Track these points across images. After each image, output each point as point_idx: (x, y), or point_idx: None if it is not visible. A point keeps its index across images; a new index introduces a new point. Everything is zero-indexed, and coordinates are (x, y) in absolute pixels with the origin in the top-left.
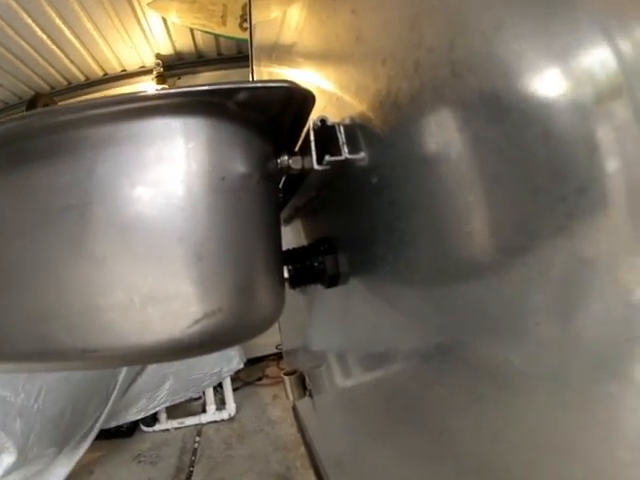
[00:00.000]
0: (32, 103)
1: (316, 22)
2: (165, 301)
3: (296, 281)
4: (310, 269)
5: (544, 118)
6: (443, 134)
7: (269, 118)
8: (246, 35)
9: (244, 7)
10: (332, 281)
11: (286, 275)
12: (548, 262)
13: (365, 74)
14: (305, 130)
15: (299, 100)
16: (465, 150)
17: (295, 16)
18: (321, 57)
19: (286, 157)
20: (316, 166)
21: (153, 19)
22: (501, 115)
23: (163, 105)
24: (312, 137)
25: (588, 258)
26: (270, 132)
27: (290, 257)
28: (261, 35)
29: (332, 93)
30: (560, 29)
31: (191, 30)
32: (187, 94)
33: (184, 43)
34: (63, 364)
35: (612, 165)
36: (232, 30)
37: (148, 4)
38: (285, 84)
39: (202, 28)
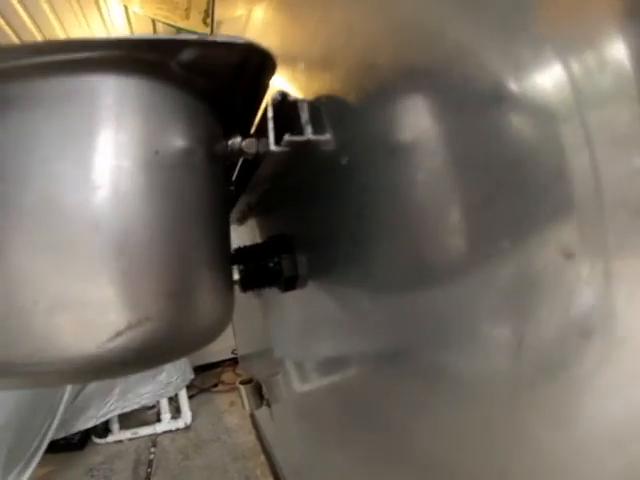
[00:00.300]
0: None
1: (283, 17)
2: (77, 307)
3: (248, 283)
4: (264, 270)
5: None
6: (421, 111)
7: (220, 87)
8: (208, 31)
9: (209, 2)
10: (289, 284)
11: (236, 276)
12: (498, 266)
13: (333, 48)
14: (262, 109)
15: (256, 65)
16: (440, 136)
17: (261, 13)
18: (289, 50)
19: (239, 139)
20: (273, 147)
21: (114, 7)
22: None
23: (91, 58)
24: (270, 113)
25: (537, 261)
26: (220, 106)
27: (241, 256)
28: (227, 32)
29: (296, 71)
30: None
31: (153, 21)
32: (121, 45)
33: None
34: None
35: (565, 176)
36: (195, 24)
37: None
38: (241, 40)
39: (164, 20)
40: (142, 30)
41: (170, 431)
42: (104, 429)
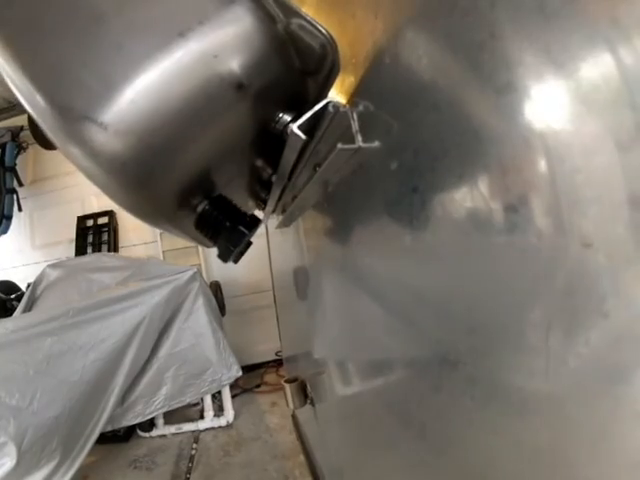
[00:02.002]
0: None
1: (324, 17)
2: (98, 76)
3: (201, 222)
4: (218, 223)
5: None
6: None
7: (300, 70)
8: None
9: None
10: (225, 252)
11: (200, 209)
12: (551, 272)
13: (386, 51)
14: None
15: (330, 63)
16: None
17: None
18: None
19: (289, 118)
20: (294, 128)
21: None
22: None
23: None
24: (315, 108)
25: (591, 268)
26: (294, 87)
27: (217, 201)
28: None
29: (345, 79)
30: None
31: None
32: None
33: None
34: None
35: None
36: None
37: None
38: (329, 35)
39: None
40: None
41: (212, 428)
42: (149, 423)
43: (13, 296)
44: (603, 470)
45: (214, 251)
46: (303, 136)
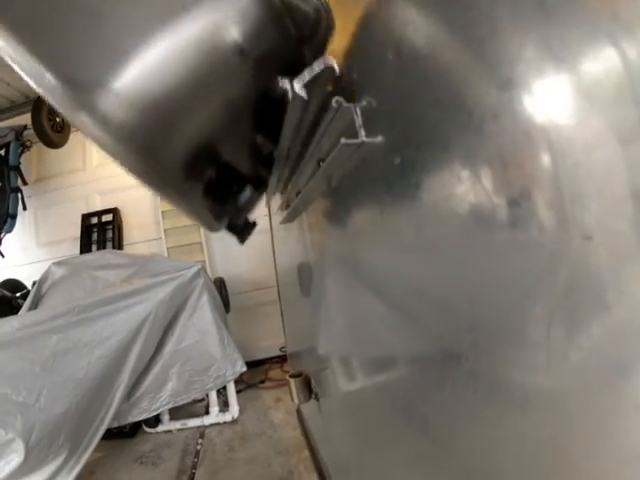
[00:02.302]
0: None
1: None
2: (108, 47)
3: (210, 189)
4: (227, 186)
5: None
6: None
7: (296, 37)
8: None
9: None
10: (235, 216)
11: (207, 176)
12: (553, 266)
13: (388, 47)
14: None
15: (325, 26)
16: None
17: None
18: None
19: (287, 82)
20: (296, 86)
21: None
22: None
23: None
24: (315, 68)
25: (592, 262)
26: (291, 53)
27: (223, 168)
28: None
29: (346, 74)
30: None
31: None
32: None
33: None
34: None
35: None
36: None
37: None
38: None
39: None
40: None
41: (217, 424)
42: (155, 419)
43: (18, 294)
44: (603, 462)
45: (218, 248)
46: (305, 96)
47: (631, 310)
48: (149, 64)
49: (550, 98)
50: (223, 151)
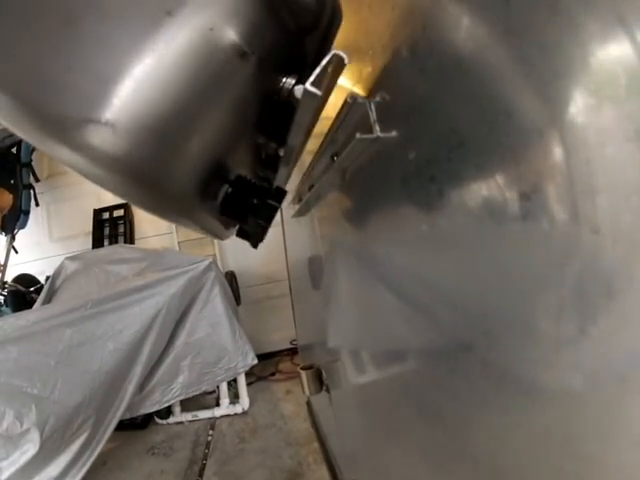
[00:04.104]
0: None
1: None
2: (88, 76)
3: (226, 207)
4: (245, 203)
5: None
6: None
7: (297, 29)
8: None
9: None
10: (258, 233)
11: (221, 194)
12: (562, 259)
13: (403, 43)
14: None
15: (328, 17)
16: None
17: None
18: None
19: (293, 81)
20: (308, 85)
21: None
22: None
23: None
24: (322, 63)
25: (603, 257)
26: (292, 48)
27: (237, 182)
28: None
29: (362, 69)
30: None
31: None
32: None
33: None
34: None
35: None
36: None
37: None
38: None
39: None
40: None
41: (228, 415)
42: (166, 411)
43: (32, 289)
44: (609, 447)
45: (229, 241)
46: (319, 92)
47: (637, 301)
48: (142, 85)
49: (562, 95)
50: (234, 161)
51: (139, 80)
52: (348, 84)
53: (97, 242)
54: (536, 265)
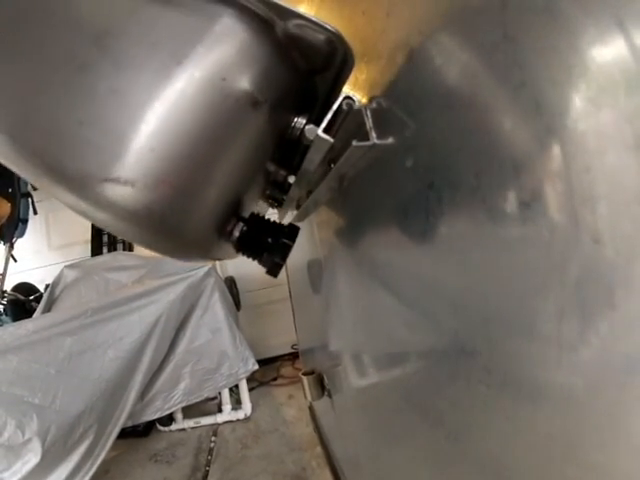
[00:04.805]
0: None
1: (327, 13)
2: (105, 140)
3: (242, 245)
4: (260, 242)
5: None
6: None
7: (308, 70)
8: None
9: None
10: (273, 268)
11: (237, 234)
12: (563, 266)
13: (398, 49)
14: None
15: (340, 59)
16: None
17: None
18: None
19: (304, 121)
20: (320, 132)
21: None
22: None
23: None
24: (333, 107)
25: (601, 262)
26: (303, 88)
27: (252, 220)
28: None
29: (357, 76)
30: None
31: None
32: None
33: None
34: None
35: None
36: None
37: None
38: (334, 29)
39: None
40: None
41: (230, 421)
42: (168, 418)
43: (32, 297)
44: (611, 454)
45: None
46: (331, 139)
47: (638, 309)
48: (157, 139)
49: (561, 101)
50: (248, 198)
51: (154, 135)
52: (343, 90)
53: (96, 250)
54: (536, 273)
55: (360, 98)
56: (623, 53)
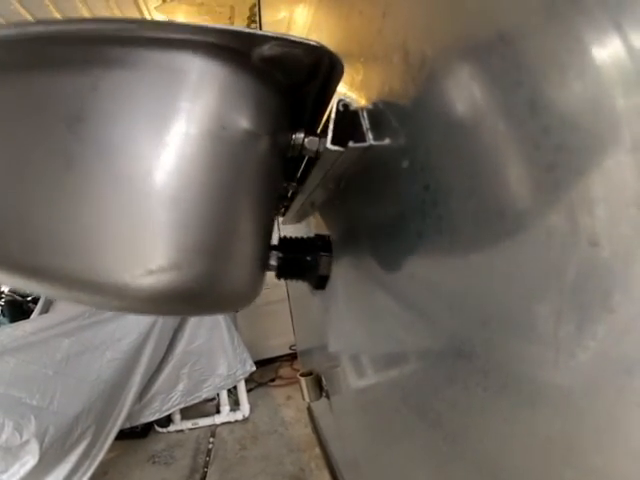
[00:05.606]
0: None
1: (325, 16)
2: (126, 239)
3: (283, 271)
4: (301, 262)
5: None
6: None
7: (293, 85)
8: None
9: (251, 8)
10: (320, 282)
11: (274, 262)
12: (560, 269)
13: (395, 50)
14: (328, 112)
15: (327, 67)
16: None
17: (303, 15)
18: (335, 44)
19: (302, 135)
20: (329, 145)
21: (156, 15)
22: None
23: (184, 39)
24: (333, 116)
25: (598, 266)
26: (291, 102)
27: (283, 245)
28: None
29: (354, 76)
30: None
31: None
32: (211, 31)
33: None
34: (14, 278)
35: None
36: None
37: (156, 8)
38: (315, 43)
39: None
40: None
41: (229, 422)
42: (166, 419)
43: (30, 298)
44: (610, 457)
45: None
46: (341, 149)
47: (635, 312)
48: (187, 215)
49: (559, 103)
50: (272, 226)
51: (182, 211)
52: (338, 92)
53: None
54: (533, 275)
55: (356, 99)
56: (622, 55)
